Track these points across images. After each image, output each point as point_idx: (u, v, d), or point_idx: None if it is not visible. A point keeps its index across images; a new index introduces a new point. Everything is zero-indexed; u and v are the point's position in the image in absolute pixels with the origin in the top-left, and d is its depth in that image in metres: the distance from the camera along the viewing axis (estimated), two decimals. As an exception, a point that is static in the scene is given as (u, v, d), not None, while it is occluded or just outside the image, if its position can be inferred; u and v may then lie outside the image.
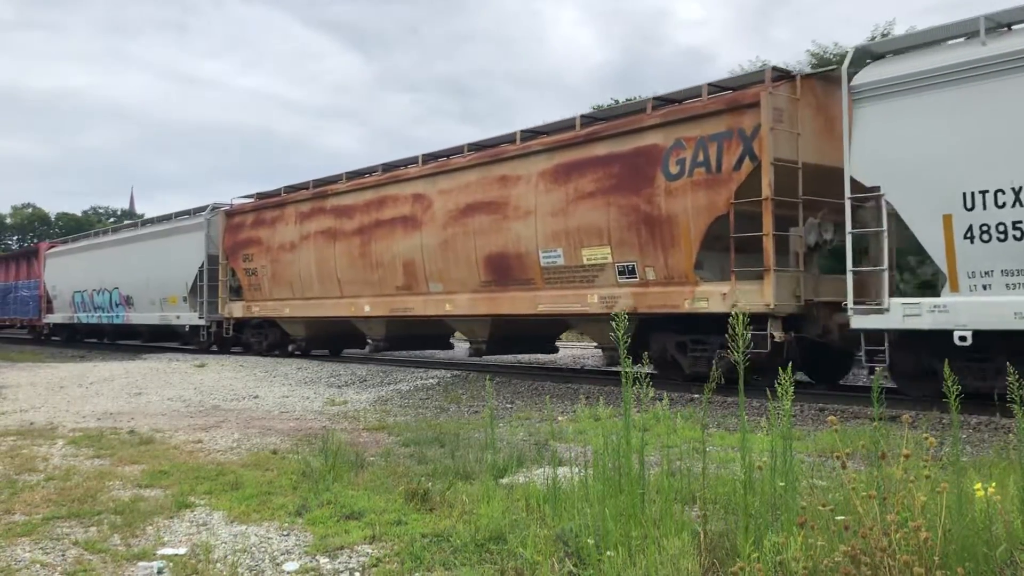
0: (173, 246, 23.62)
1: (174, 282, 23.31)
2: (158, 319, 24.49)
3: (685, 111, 11.24)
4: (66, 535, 4.81)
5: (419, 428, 8.89)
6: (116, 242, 27.75)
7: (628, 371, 4.09)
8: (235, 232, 21.09)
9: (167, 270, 23.62)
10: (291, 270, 18.67)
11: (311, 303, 18.28)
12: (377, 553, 4.32)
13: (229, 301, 21.35)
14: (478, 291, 14.08)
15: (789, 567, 3.04)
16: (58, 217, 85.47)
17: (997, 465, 5.53)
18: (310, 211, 18.26)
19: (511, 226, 13.35)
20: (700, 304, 10.89)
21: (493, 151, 14.13)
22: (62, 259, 31.69)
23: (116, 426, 9.34)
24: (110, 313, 27.55)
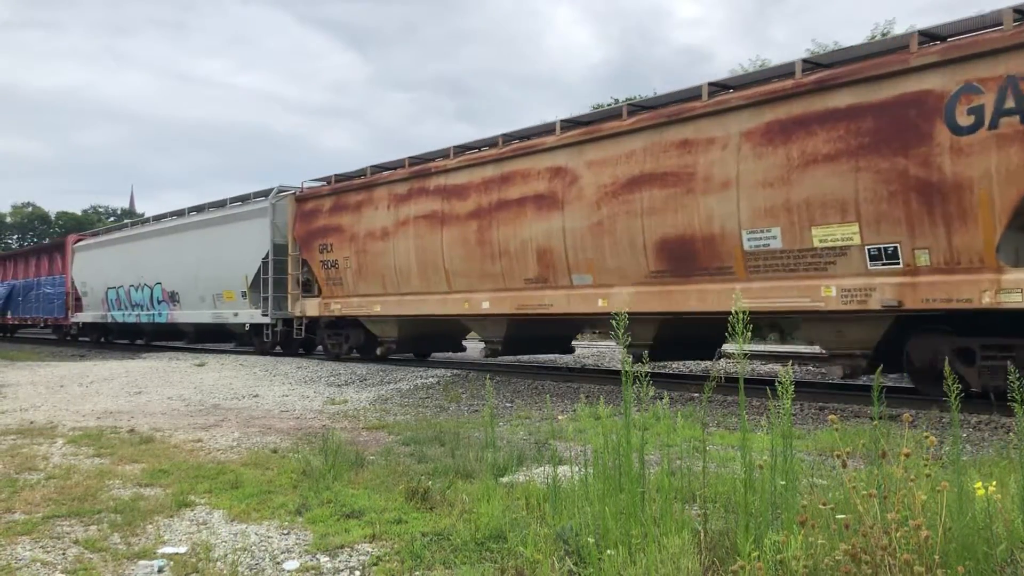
0: (230, 235, 20.92)
1: (231, 276, 20.74)
2: (210, 317, 21.85)
3: (978, 45, 8.59)
4: (66, 534, 4.81)
5: (419, 427, 8.89)
6: (158, 233, 24.97)
7: (628, 370, 4.09)
8: (308, 219, 18.24)
9: (222, 263, 21.03)
10: (382, 262, 15.96)
11: (408, 299, 15.58)
12: (377, 552, 4.32)
13: (301, 297, 18.57)
14: (645, 283, 11.43)
15: (789, 566, 3.04)
16: (58, 216, 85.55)
17: (997, 464, 5.53)
18: (407, 193, 15.52)
19: (698, 202, 10.63)
20: (1010, 297, 8.34)
21: (668, 111, 11.29)
22: (92, 253, 29.16)
23: (116, 425, 9.34)
24: (150, 311, 25.06)
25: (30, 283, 34.97)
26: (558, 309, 12.78)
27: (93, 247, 29.43)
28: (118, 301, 27.01)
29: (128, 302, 26.36)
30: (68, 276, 30.56)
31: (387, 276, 15.97)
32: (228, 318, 21.21)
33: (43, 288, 33.09)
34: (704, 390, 4.13)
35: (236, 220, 20.93)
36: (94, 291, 28.70)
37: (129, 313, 26.39)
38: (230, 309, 21.06)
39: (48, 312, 32.64)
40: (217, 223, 21.82)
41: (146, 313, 25.32)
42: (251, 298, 20.11)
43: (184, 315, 23.32)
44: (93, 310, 29.00)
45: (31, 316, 34.66)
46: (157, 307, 24.72)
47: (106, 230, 30.82)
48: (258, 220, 19.93)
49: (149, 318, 25.20)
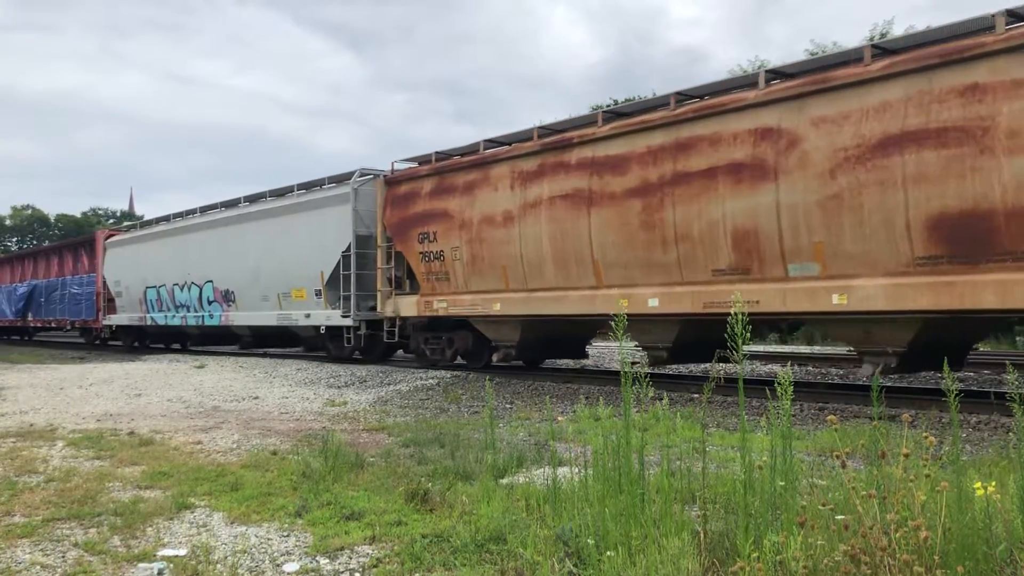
0: (301, 226, 18.43)
1: (302, 272, 18.17)
2: (275, 319, 19.19)
3: None
4: (66, 536, 4.81)
5: (419, 428, 8.89)
6: (208, 225, 22.19)
7: (627, 371, 4.09)
8: (403, 205, 15.70)
9: (292, 257, 18.47)
10: (504, 252, 13.45)
11: (538, 296, 13.01)
12: (377, 553, 4.32)
13: (394, 295, 16.08)
14: (906, 273, 8.94)
15: (789, 566, 3.04)
16: (57, 218, 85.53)
17: (997, 464, 5.53)
18: (538, 169, 12.97)
19: (999, 164, 8.23)
20: None
21: (939, 50, 8.73)
22: (128, 249, 26.24)
23: (116, 427, 9.34)
24: (198, 312, 22.30)
25: (54, 283, 32.24)
26: (768, 307, 10.08)
27: (129, 243, 26.54)
28: (159, 302, 24.29)
29: (171, 303, 23.63)
30: (99, 275, 27.78)
31: (510, 269, 13.41)
32: (298, 320, 18.59)
33: (69, 288, 30.41)
34: (704, 391, 4.13)
35: (308, 209, 18.33)
36: (130, 291, 25.94)
37: (172, 315, 23.63)
38: (301, 310, 18.44)
39: (75, 314, 29.93)
40: (284, 213, 19.14)
41: (193, 315, 22.55)
42: (327, 297, 17.52)
43: (241, 316, 20.74)
44: (129, 311, 26.16)
45: (55, 318, 31.93)
46: (207, 308, 21.97)
47: (144, 224, 27.40)
48: (336, 208, 17.30)
49: (197, 320, 22.43)
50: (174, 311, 23.59)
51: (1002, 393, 8.19)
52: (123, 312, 26.61)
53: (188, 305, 22.85)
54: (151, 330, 25.82)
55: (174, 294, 23.43)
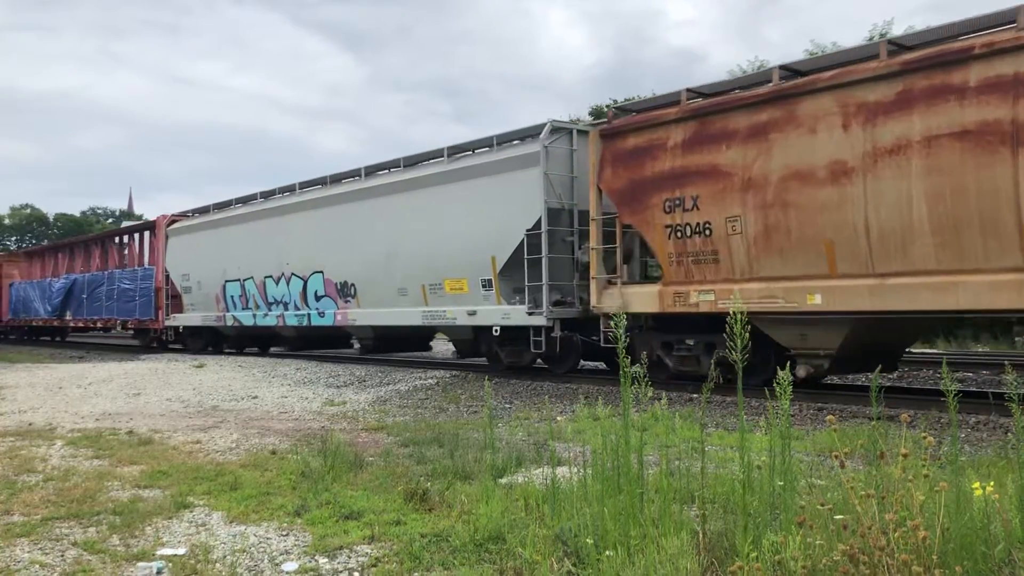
0: (462, 199, 14.37)
1: (462, 258, 14.28)
2: (419, 317, 15.20)
3: None
4: (65, 536, 4.81)
5: (418, 428, 8.89)
6: (316, 204, 18.09)
7: (626, 371, 4.09)
8: (632, 163, 11.76)
9: (445, 240, 14.58)
10: (828, 220, 9.69)
11: (899, 284, 9.21)
12: (376, 553, 4.33)
13: (621, 285, 12.07)
14: None
15: (788, 566, 3.04)
16: (56, 218, 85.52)
17: (995, 464, 5.54)
18: (899, 98, 9.18)
19: None
20: None
21: None
22: (199, 237, 22.46)
23: (115, 427, 9.34)
24: (302, 311, 18.35)
25: (98, 277, 28.16)
26: None
27: (200, 229, 22.59)
28: (243, 298, 20.40)
29: (261, 299, 19.73)
30: (159, 267, 24.02)
31: (841, 245, 9.65)
32: (455, 318, 14.63)
33: (119, 283, 26.33)
34: (703, 391, 4.14)
35: (473, 176, 14.34)
36: (203, 286, 22.10)
37: (263, 313, 19.71)
38: (459, 305, 14.48)
39: (126, 312, 25.87)
40: (432, 184, 15.09)
41: (294, 313, 18.65)
42: (500, 289, 13.71)
43: (366, 315, 16.69)
44: (202, 310, 22.31)
45: (100, 317, 27.80)
46: (313, 305, 18.02)
47: (220, 205, 22.50)
48: (518, 174, 13.39)
49: (299, 319, 18.50)
50: (265, 309, 19.64)
51: (1001, 393, 8.20)
52: (193, 311, 22.70)
53: (285, 301, 18.89)
54: (232, 331, 21.79)
55: (265, 288, 19.50)
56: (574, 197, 13.28)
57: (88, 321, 29.08)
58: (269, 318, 19.59)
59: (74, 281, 30.10)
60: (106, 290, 27.26)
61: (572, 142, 13.40)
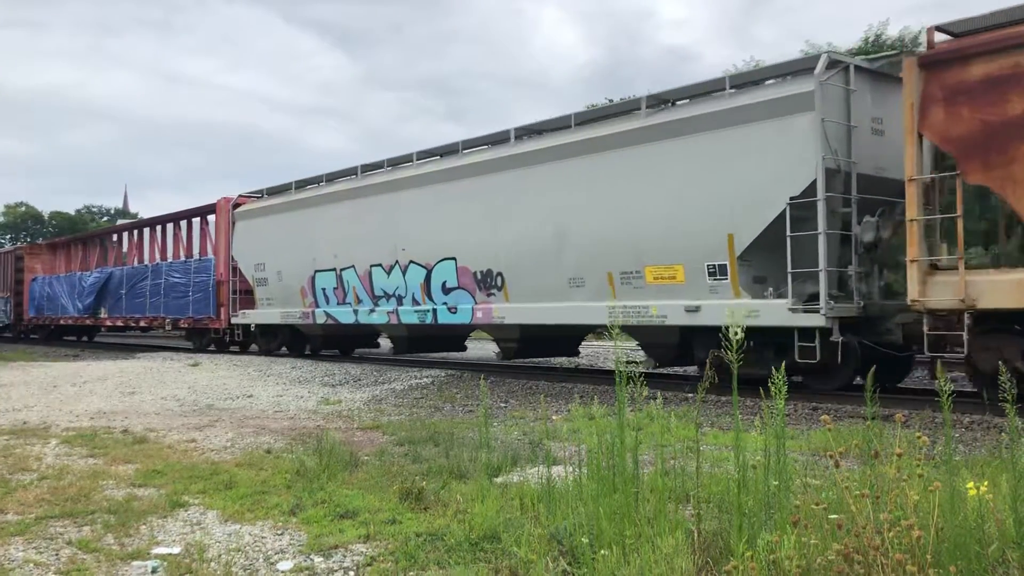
0: (673, 163, 11.18)
1: (677, 237, 11.12)
2: (604, 314, 11.84)
3: None
4: (60, 534, 4.80)
5: (413, 427, 8.89)
6: (445, 176, 14.75)
7: (622, 370, 4.10)
8: (987, 99, 8.57)
9: (651, 213, 11.38)
10: None
11: None
12: (371, 552, 4.32)
13: (963, 270, 8.70)
14: None
15: (783, 565, 3.05)
16: (51, 215, 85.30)
17: (989, 464, 5.55)
18: None
19: None
20: None
21: None
22: (276, 220, 19.03)
23: (110, 425, 9.32)
24: (423, 306, 15.09)
25: (140, 270, 25.09)
26: None
27: (279, 211, 19.07)
28: (339, 291, 17.15)
29: (365, 292, 16.44)
30: (221, 257, 20.87)
31: None
32: (663, 316, 11.34)
33: (167, 276, 23.31)
34: (698, 390, 4.14)
35: (690, 132, 11.08)
36: (283, 277, 18.84)
37: (368, 309, 16.40)
38: (668, 299, 11.29)
39: (177, 310, 22.83)
40: (620, 144, 11.80)
41: (413, 309, 15.24)
42: (738, 278, 10.62)
43: (520, 311, 13.38)
44: (281, 305, 19.01)
45: (144, 316, 24.65)
46: (441, 298, 14.76)
47: (304, 183, 18.97)
48: (771, 124, 10.26)
49: (421, 317, 15.10)
50: (370, 304, 16.38)
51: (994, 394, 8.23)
52: (269, 306, 19.47)
53: (399, 295, 15.66)
54: (320, 330, 18.39)
55: (372, 280, 16.25)
56: (851, 154, 10.10)
57: (128, 319, 25.68)
58: (376, 315, 16.14)
59: (110, 275, 26.83)
60: (150, 285, 24.10)
61: (848, 80, 10.19)
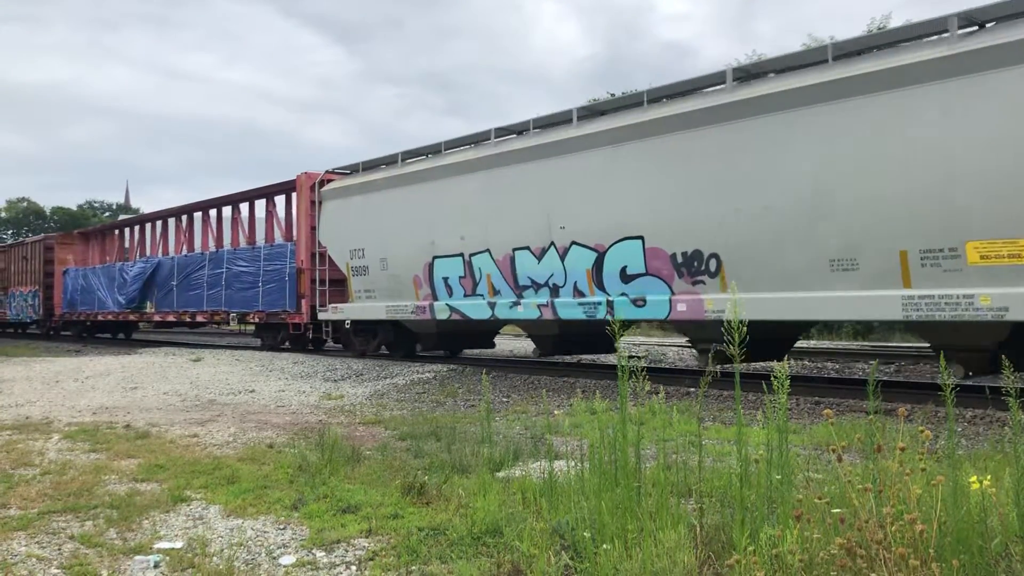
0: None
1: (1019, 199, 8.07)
2: (897, 308, 8.95)
3: None
4: (62, 529, 4.81)
5: (415, 422, 8.89)
6: (621, 135, 11.68)
7: (624, 365, 4.09)
8: None
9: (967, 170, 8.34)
10: None
11: None
12: (373, 546, 4.33)
13: None
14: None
15: (785, 560, 3.04)
16: (53, 211, 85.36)
17: (992, 458, 5.54)
18: None
19: None
20: None
21: None
22: (379, 197, 15.95)
23: (112, 420, 9.33)
24: (591, 298, 12.10)
25: (196, 259, 22.46)
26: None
27: (379, 188, 16.01)
28: (467, 280, 14.10)
29: (506, 280, 13.37)
30: (303, 242, 18.25)
31: None
32: (1003, 308, 8.36)
33: (231, 264, 20.64)
34: (700, 384, 4.14)
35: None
36: (389, 265, 15.77)
37: (510, 302, 13.32)
38: (1000, 286, 8.33)
39: (244, 303, 20.06)
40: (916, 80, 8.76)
41: (577, 302, 12.26)
42: None
43: (754, 303, 9.95)
44: (386, 297, 15.95)
45: (200, 309, 21.96)
46: (619, 287, 11.71)
47: (411, 154, 15.89)
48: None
49: (588, 311, 12.11)
50: (511, 295, 13.33)
51: (996, 387, 8.22)
52: (368, 299, 16.49)
53: (555, 284, 12.60)
54: (443, 327, 15.53)
55: (513, 265, 13.21)
56: None
57: (182, 314, 22.97)
58: (523, 308, 13.07)
59: (157, 265, 24.21)
60: (208, 275, 21.40)
61: None
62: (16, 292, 33.39)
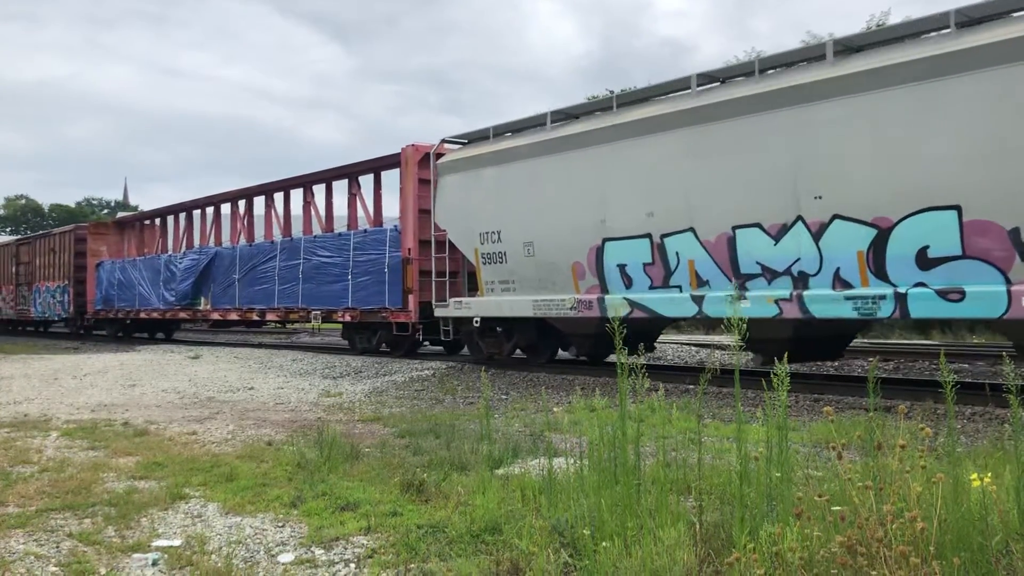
0: None
1: None
2: None
3: None
4: (60, 527, 4.79)
5: (414, 419, 8.88)
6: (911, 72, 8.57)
7: (623, 362, 4.08)
8: None
9: None
10: None
11: None
12: (372, 544, 4.32)
13: None
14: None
15: (785, 557, 3.04)
16: (52, 208, 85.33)
17: (992, 455, 5.54)
18: None
19: None
20: None
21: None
22: (518, 170, 13.12)
23: (110, 418, 9.32)
24: (865, 291, 9.10)
25: (263, 248, 19.67)
26: None
27: (517, 157, 13.19)
28: (655, 268, 11.27)
29: (719, 268, 10.51)
30: (410, 225, 15.39)
31: None
32: None
33: (311, 254, 17.89)
34: (700, 381, 4.13)
35: None
36: (536, 250, 12.87)
37: (722, 295, 10.44)
38: None
39: (329, 299, 17.29)
40: None
41: (843, 296, 9.29)
42: None
43: None
44: (533, 290, 13.07)
45: (271, 306, 19.11)
46: (912, 275, 8.81)
47: (561, 115, 12.97)
48: None
49: (860, 308, 9.21)
50: (725, 286, 10.43)
51: (996, 384, 8.22)
52: (506, 292, 13.59)
53: (802, 271, 9.72)
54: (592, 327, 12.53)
55: (734, 248, 10.29)
56: None
57: (246, 312, 20.13)
58: (749, 304, 10.02)
59: (214, 256, 21.45)
60: (281, 266, 18.71)
61: None
62: (42, 288, 30.42)
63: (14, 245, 34.42)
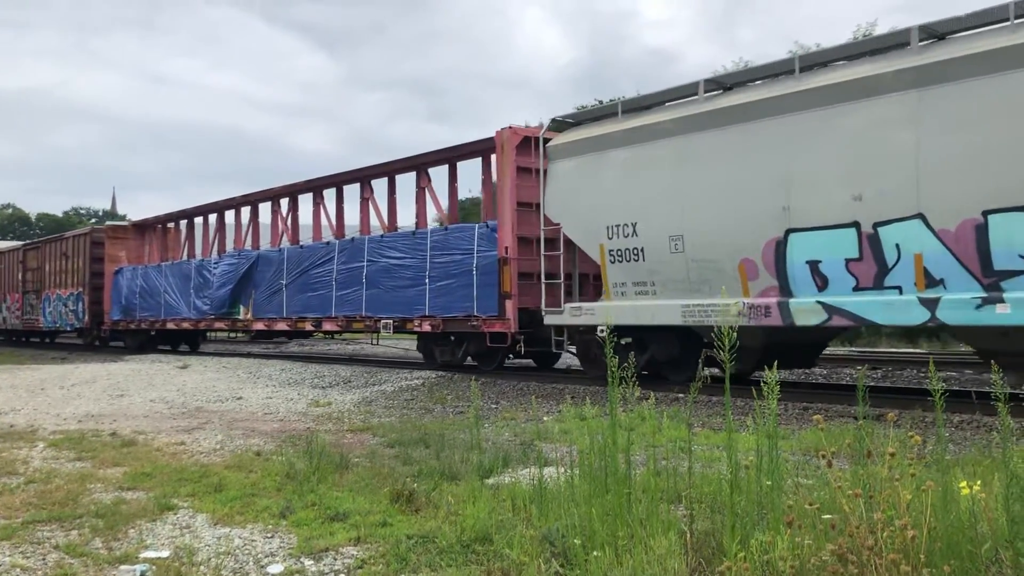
0: None
1: None
2: None
3: None
4: (47, 539, 4.75)
5: (404, 429, 8.86)
6: None
7: (614, 371, 4.08)
8: None
9: None
10: None
11: None
12: (362, 555, 4.30)
13: None
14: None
15: (776, 566, 3.04)
16: (39, 217, 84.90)
17: (981, 463, 5.56)
18: None
19: None
20: None
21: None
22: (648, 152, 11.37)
23: (98, 428, 9.25)
24: None
25: (317, 250, 17.64)
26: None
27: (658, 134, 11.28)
28: (863, 265, 9.18)
29: (964, 264, 8.35)
30: (508, 220, 13.43)
31: None
32: None
33: (376, 256, 15.87)
34: (690, 390, 4.13)
35: None
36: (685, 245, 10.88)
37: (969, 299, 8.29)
38: None
39: (401, 307, 15.29)
40: None
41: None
42: None
43: None
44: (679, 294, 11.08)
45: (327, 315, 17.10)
46: None
47: (716, 84, 11.10)
48: None
49: None
50: (976, 288, 8.34)
51: (983, 392, 8.27)
52: (641, 296, 11.61)
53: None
54: (784, 336, 10.55)
55: (986, 237, 8.23)
56: None
57: (297, 321, 18.05)
58: (1010, 309, 8.06)
59: (256, 260, 19.43)
60: (340, 270, 16.64)
61: None
62: (52, 295, 28.07)
63: (21, 250, 32.01)
